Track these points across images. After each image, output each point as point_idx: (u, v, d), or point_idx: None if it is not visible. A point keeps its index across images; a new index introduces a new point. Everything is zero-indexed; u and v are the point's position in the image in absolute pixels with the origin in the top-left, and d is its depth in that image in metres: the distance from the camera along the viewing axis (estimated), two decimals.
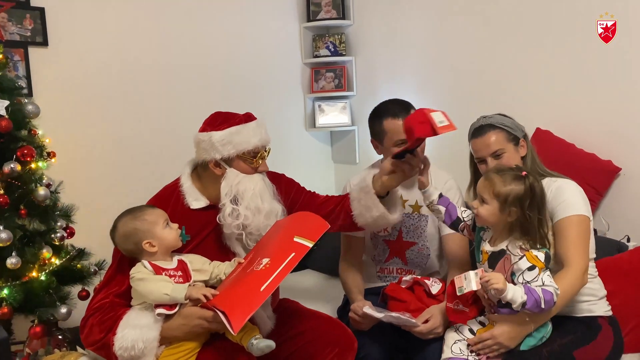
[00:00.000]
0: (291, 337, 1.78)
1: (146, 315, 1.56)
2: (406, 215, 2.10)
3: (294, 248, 1.56)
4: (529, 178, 1.60)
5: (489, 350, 1.63)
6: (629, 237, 2.19)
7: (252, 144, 1.72)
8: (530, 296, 1.53)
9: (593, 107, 2.37)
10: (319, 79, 3.32)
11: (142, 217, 1.62)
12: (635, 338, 1.85)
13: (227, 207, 1.69)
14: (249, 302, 1.46)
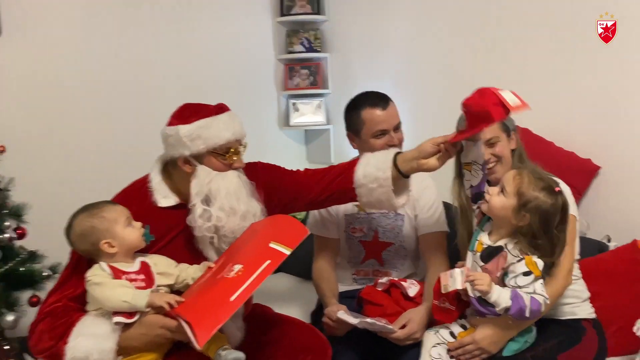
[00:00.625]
0: (262, 345, 1.66)
1: (102, 323, 1.43)
2: (382, 214, 2.02)
3: (269, 255, 1.44)
4: (562, 196, 1.49)
5: (470, 356, 1.55)
6: (610, 237, 2.15)
7: (224, 138, 1.57)
8: (516, 303, 1.45)
9: (572, 105, 2.34)
10: (293, 76, 3.23)
11: (100, 215, 1.49)
12: (618, 341, 1.80)
13: (198, 208, 1.56)
14: (217, 313, 1.34)
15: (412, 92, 2.89)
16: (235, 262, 1.46)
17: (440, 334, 1.61)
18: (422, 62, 2.87)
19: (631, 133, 2.19)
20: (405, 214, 2.02)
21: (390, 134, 1.95)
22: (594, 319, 1.73)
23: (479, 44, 2.61)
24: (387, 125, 1.94)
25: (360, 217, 2.03)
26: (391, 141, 1.96)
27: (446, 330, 1.62)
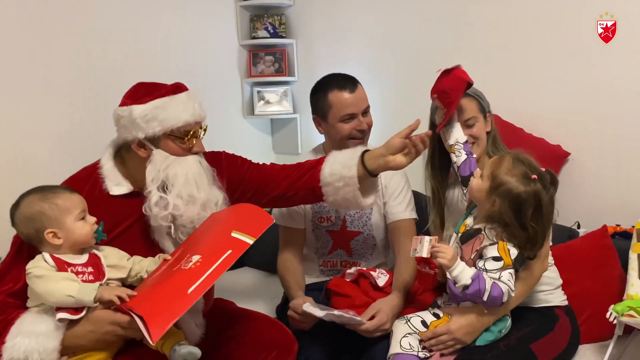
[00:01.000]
0: (224, 342, 1.56)
1: (44, 321, 1.30)
2: None
3: (230, 244, 1.34)
4: (536, 184, 1.42)
5: (444, 347, 1.48)
6: (579, 224, 2.13)
7: (182, 120, 1.46)
8: (475, 284, 1.41)
9: (542, 91, 2.31)
10: (257, 63, 3.10)
11: (53, 201, 1.35)
12: (590, 328, 1.77)
13: (154, 196, 1.44)
14: (172, 306, 1.23)
15: (381, 78, 2.82)
16: (193, 253, 1.36)
17: (411, 323, 1.54)
18: (390, 48, 2.79)
19: (600, 119, 2.17)
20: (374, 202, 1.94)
21: (359, 118, 1.88)
22: (566, 306, 1.70)
23: (447, 28, 2.56)
24: (356, 108, 1.87)
25: (327, 206, 1.95)
26: (359, 125, 1.89)
27: (418, 319, 1.55)
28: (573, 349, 1.65)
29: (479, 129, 1.70)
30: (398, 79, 2.79)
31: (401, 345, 1.50)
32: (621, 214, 2.06)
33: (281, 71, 3.10)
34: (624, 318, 1.50)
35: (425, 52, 2.65)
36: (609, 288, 1.82)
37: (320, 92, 1.90)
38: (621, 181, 2.13)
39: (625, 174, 2.12)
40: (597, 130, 2.19)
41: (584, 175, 2.20)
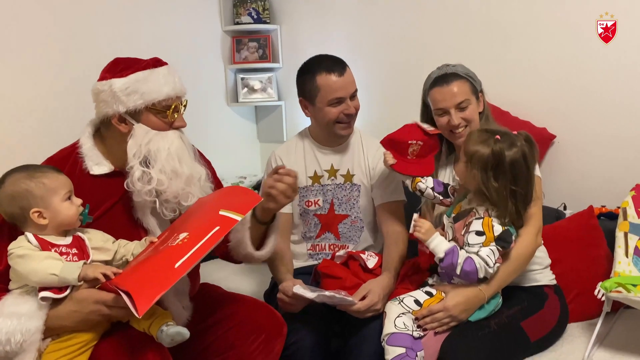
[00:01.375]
0: (211, 325, 1.53)
1: (27, 301, 1.26)
2: (337, 185, 1.93)
3: (218, 221, 1.32)
4: (499, 144, 1.45)
5: (438, 324, 1.48)
6: (566, 205, 2.14)
7: (164, 93, 1.43)
8: (449, 257, 1.46)
9: (527, 75, 2.31)
10: (241, 49, 3.06)
11: (41, 180, 1.31)
12: (577, 307, 1.78)
13: (136, 171, 1.40)
14: (159, 280, 1.21)
15: (366, 63, 2.80)
16: (180, 232, 1.34)
17: (404, 303, 1.54)
18: (375, 33, 2.77)
19: (585, 102, 2.18)
20: (361, 184, 1.93)
21: (347, 102, 1.86)
22: (555, 285, 1.70)
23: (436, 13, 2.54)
24: (344, 92, 1.84)
25: (315, 189, 1.93)
26: (347, 109, 1.86)
27: (411, 299, 1.55)
28: (562, 326, 1.66)
29: (472, 111, 1.69)
30: (383, 64, 2.77)
31: (395, 325, 1.49)
32: (606, 195, 2.08)
33: (265, 57, 3.06)
34: (612, 294, 1.51)
35: (411, 37, 2.63)
36: (596, 267, 1.83)
37: (308, 75, 1.86)
38: (606, 163, 2.14)
39: (610, 156, 2.13)
40: (582, 113, 2.19)
41: (570, 157, 2.21)
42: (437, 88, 1.71)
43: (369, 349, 1.57)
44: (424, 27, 2.59)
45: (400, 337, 1.47)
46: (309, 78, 1.85)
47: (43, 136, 2.31)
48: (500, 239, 1.46)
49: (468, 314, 1.49)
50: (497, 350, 1.45)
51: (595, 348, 1.58)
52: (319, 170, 1.94)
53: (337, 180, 1.93)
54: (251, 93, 3.12)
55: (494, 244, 1.46)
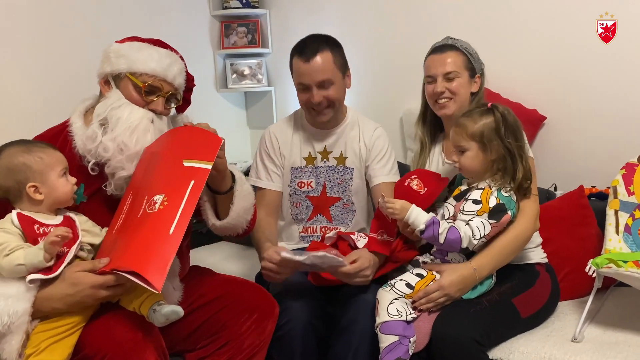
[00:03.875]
0: (202, 306, 1.52)
1: (14, 283, 1.23)
2: (330, 168, 1.91)
3: (189, 175, 1.28)
4: (498, 107, 1.51)
5: (434, 304, 1.49)
6: (556, 186, 2.15)
7: (149, 67, 1.41)
8: (430, 229, 1.47)
9: (518, 56, 2.30)
10: (229, 34, 3.02)
11: (38, 154, 1.29)
12: (568, 285, 1.79)
13: (90, 129, 1.38)
14: (161, 251, 1.19)
15: (357, 46, 2.77)
16: (152, 194, 1.28)
17: (396, 288, 1.53)
18: (366, 16, 2.75)
19: (575, 83, 2.19)
20: (354, 167, 1.92)
21: (312, 91, 1.76)
22: (546, 264, 1.71)
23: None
24: (308, 79, 1.75)
25: (308, 171, 1.92)
26: (311, 98, 1.77)
27: (402, 283, 1.54)
28: (553, 304, 1.67)
29: (459, 84, 1.70)
30: (374, 48, 2.75)
31: (388, 313, 1.49)
32: (596, 175, 2.08)
33: (255, 42, 3.03)
34: (603, 270, 1.51)
35: (403, 21, 2.61)
36: (586, 246, 1.84)
37: (291, 53, 1.83)
38: (596, 144, 2.15)
39: (600, 136, 2.14)
40: (572, 95, 2.20)
41: (560, 138, 2.22)
42: (431, 55, 1.74)
43: (360, 329, 1.56)
44: (416, 11, 2.57)
45: (392, 325, 1.47)
46: (290, 56, 1.83)
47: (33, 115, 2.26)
48: (494, 211, 1.47)
49: (462, 293, 1.50)
50: (489, 326, 1.46)
51: (587, 324, 1.59)
52: (313, 152, 1.91)
53: (330, 162, 1.91)
54: (241, 79, 3.09)
55: (486, 218, 1.46)
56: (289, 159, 1.91)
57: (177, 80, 1.48)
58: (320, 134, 1.91)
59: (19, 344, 1.20)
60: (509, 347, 1.50)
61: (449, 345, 1.41)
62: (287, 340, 1.58)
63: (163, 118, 1.47)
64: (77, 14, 2.45)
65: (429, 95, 1.74)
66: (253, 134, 3.33)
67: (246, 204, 1.54)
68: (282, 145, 1.91)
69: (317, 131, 1.92)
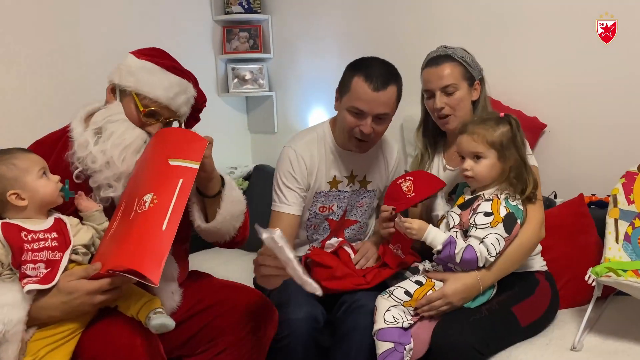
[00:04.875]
0: (201, 311, 1.52)
1: (10, 290, 1.23)
2: (354, 192, 1.86)
3: (177, 173, 1.28)
4: (511, 117, 1.54)
5: (435, 312, 1.49)
6: (556, 194, 2.15)
7: (154, 94, 1.40)
8: (447, 249, 1.47)
9: (518, 64, 2.30)
10: (231, 39, 3.03)
11: (10, 162, 1.28)
12: (568, 293, 1.79)
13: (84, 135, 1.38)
14: (155, 246, 1.19)
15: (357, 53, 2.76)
16: (142, 195, 1.28)
17: (394, 295, 1.54)
18: (366, 23, 2.75)
19: (576, 91, 2.19)
20: (376, 189, 1.90)
21: (367, 119, 1.65)
22: (546, 272, 1.71)
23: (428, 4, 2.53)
24: (368, 107, 1.64)
25: (332, 195, 1.84)
26: (363, 126, 1.66)
27: (400, 290, 1.55)
28: (552, 312, 1.67)
29: (458, 98, 1.66)
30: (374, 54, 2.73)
31: (385, 320, 1.50)
32: (596, 184, 2.08)
33: (256, 47, 3.04)
34: (603, 279, 1.51)
35: (403, 27, 2.62)
36: (586, 254, 1.84)
37: (351, 70, 1.70)
38: (596, 152, 2.15)
39: (601, 145, 2.14)
40: (572, 103, 2.20)
41: (560, 146, 2.21)
42: (427, 69, 1.71)
43: (359, 336, 1.56)
44: (416, 17, 2.57)
45: (388, 332, 1.48)
46: (349, 73, 1.69)
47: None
48: (506, 221, 1.47)
49: (465, 302, 1.50)
50: (489, 334, 1.45)
51: (586, 333, 1.58)
52: (339, 176, 1.82)
53: (355, 186, 1.86)
54: (242, 84, 3.09)
55: (500, 232, 1.46)
56: (316, 183, 1.80)
57: (182, 110, 1.48)
58: (348, 156, 1.81)
59: (15, 353, 1.20)
60: (507, 356, 1.49)
61: (448, 353, 1.41)
62: (287, 353, 1.57)
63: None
64: (80, 18, 2.46)
65: (430, 110, 1.72)
66: (254, 138, 3.34)
67: (235, 210, 1.50)
68: (309, 168, 1.78)
69: (346, 153, 1.81)
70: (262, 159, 3.16)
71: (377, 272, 1.69)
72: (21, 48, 2.28)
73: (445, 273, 1.53)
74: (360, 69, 1.66)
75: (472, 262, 1.46)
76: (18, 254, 1.23)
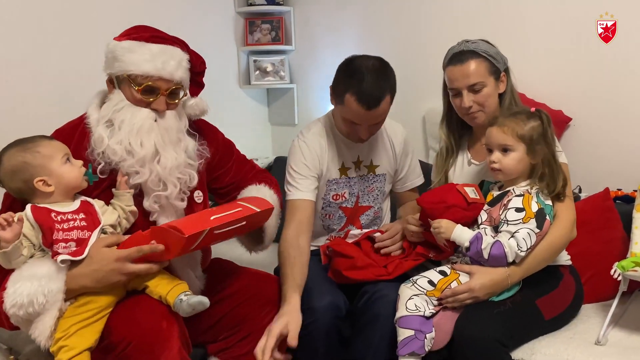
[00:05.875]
0: (223, 298, 1.54)
1: (44, 264, 1.27)
2: (362, 177, 1.87)
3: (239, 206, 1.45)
4: (542, 112, 1.52)
5: (459, 304, 1.49)
6: (581, 188, 2.12)
7: (142, 70, 1.39)
8: (474, 245, 1.47)
9: (543, 57, 2.28)
10: (253, 31, 3.04)
11: (35, 150, 1.32)
12: (592, 288, 1.77)
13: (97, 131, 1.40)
14: (198, 223, 1.31)
15: (378, 45, 2.77)
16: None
17: (418, 284, 1.54)
18: (389, 14, 2.74)
19: (602, 84, 2.16)
20: (386, 174, 1.90)
21: (363, 127, 1.68)
22: (570, 266, 1.69)
23: None
24: (362, 121, 1.66)
25: (342, 182, 1.85)
26: (360, 132, 1.69)
27: (424, 280, 1.55)
28: (576, 306, 1.65)
29: (486, 94, 1.63)
30: (397, 45, 2.74)
31: (407, 308, 1.50)
32: (622, 178, 2.06)
33: (278, 40, 3.05)
34: (629, 273, 1.49)
35: (427, 18, 2.60)
36: (611, 249, 1.82)
37: (343, 80, 1.66)
38: (622, 146, 2.12)
39: (626, 139, 2.11)
40: (598, 96, 2.17)
41: (585, 140, 2.19)
42: (451, 66, 1.65)
43: (381, 325, 1.57)
44: (438, 9, 2.55)
45: (410, 319, 1.48)
46: (342, 84, 1.65)
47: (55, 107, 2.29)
48: (537, 217, 1.46)
49: (490, 297, 1.49)
50: (512, 327, 1.45)
51: (611, 328, 1.57)
52: (347, 162, 1.84)
53: (362, 171, 1.87)
54: (263, 75, 3.11)
55: (532, 227, 1.45)
56: (327, 171, 1.81)
57: (177, 75, 1.43)
58: (353, 144, 1.82)
59: (52, 322, 1.23)
60: (531, 349, 1.49)
61: (471, 345, 1.41)
62: (310, 341, 1.57)
63: (167, 114, 1.45)
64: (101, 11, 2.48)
65: (457, 108, 1.69)
66: (274, 130, 3.35)
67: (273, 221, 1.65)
68: (320, 157, 1.80)
69: (350, 142, 1.82)
70: (283, 150, 3.16)
71: (398, 263, 1.69)
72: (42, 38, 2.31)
73: (472, 266, 1.51)
74: (352, 85, 1.62)
75: (500, 258, 1.45)
76: (49, 234, 1.27)
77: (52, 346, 1.23)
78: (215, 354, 1.54)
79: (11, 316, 1.25)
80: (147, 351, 1.25)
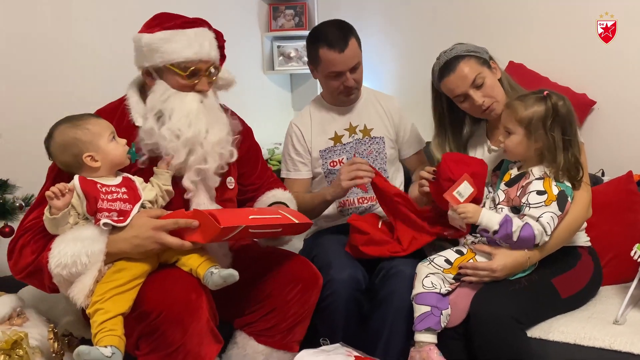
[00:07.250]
0: (249, 276, 1.59)
1: (87, 228, 1.35)
2: (357, 141, 2.00)
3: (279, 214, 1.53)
4: (552, 97, 1.49)
5: (477, 280, 1.53)
6: (604, 171, 2.12)
7: (183, 56, 1.45)
8: (503, 228, 1.48)
9: (567, 40, 2.27)
10: (277, 17, 3.08)
11: (85, 127, 1.40)
12: (612, 270, 1.78)
13: (147, 124, 1.46)
14: (236, 218, 1.38)
15: (400, 30, 2.78)
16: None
17: (435, 263, 1.58)
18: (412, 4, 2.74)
19: (626, 68, 2.15)
20: (384, 136, 2.01)
21: (346, 75, 1.90)
22: (589, 247, 1.70)
23: None
24: (343, 67, 1.88)
25: (337, 149, 2.00)
26: (346, 82, 1.91)
27: (441, 258, 1.58)
28: (594, 286, 1.67)
29: (490, 84, 1.64)
30: (421, 31, 2.74)
31: (423, 285, 1.54)
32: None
33: (301, 25, 3.07)
34: None
35: (450, 9, 2.60)
36: (633, 232, 1.81)
37: (312, 45, 1.92)
38: None
39: None
40: (622, 79, 2.16)
41: (609, 124, 2.18)
42: (445, 79, 1.66)
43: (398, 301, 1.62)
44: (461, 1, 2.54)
45: (426, 296, 1.53)
46: (312, 48, 1.91)
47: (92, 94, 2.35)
48: (559, 199, 1.48)
49: (508, 276, 1.52)
50: (528, 305, 1.48)
51: (630, 308, 1.58)
52: (339, 130, 2.01)
53: (357, 135, 2.00)
54: (287, 61, 3.14)
55: (555, 210, 1.47)
56: (314, 144, 1.99)
57: (212, 54, 1.51)
58: (342, 111, 2.02)
59: (91, 282, 1.31)
60: (548, 327, 1.51)
61: (487, 322, 1.44)
62: (330, 312, 1.64)
63: (209, 94, 1.53)
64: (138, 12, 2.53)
65: (470, 111, 1.71)
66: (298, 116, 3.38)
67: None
68: (305, 133, 2.00)
69: (339, 109, 2.02)
70: None
71: (412, 239, 1.72)
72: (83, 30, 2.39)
73: (492, 247, 1.54)
74: (320, 40, 1.88)
75: (529, 239, 1.47)
76: (93, 203, 1.34)
77: (89, 308, 1.31)
78: (241, 328, 1.61)
79: (55, 276, 1.32)
80: (176, 321, 1.32)
